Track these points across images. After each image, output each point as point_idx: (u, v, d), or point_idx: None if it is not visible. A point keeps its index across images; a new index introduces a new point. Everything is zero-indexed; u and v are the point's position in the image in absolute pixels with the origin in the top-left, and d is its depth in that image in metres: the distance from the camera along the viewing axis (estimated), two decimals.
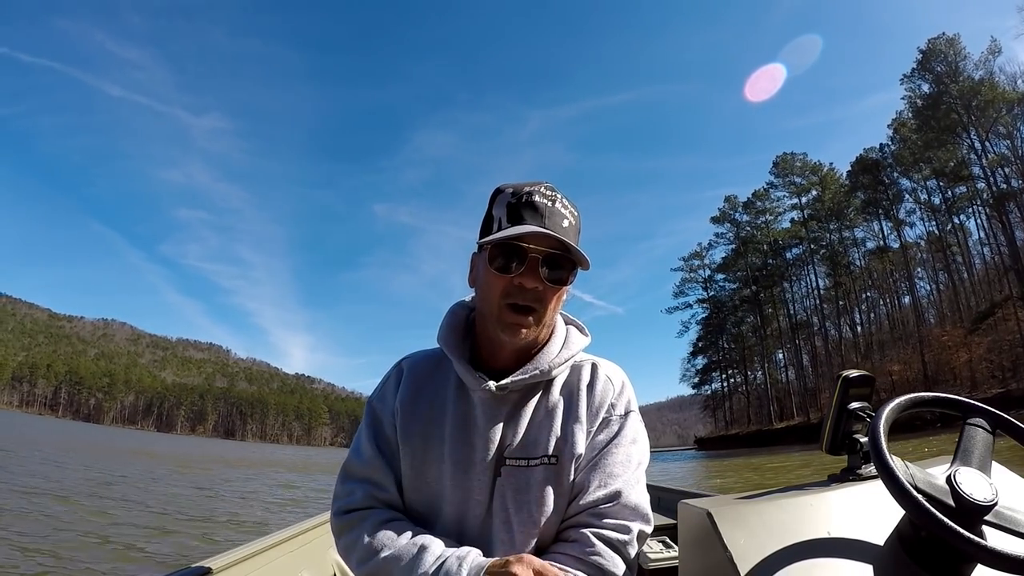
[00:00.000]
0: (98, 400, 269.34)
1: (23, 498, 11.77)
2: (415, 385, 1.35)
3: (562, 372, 1.32)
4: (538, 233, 1.19)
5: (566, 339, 1.35)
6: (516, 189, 1.23)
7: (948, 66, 59.38)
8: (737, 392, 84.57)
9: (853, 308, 72.84)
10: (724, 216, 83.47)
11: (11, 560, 6.93)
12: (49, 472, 18.10)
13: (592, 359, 1.39)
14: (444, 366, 1.36)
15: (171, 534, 9.48)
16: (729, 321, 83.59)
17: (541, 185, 1.24)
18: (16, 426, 66.79)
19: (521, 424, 1.27)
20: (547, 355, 1.29)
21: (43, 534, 8.49)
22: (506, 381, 1.26)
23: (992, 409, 1.07)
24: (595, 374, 1.34)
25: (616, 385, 1.34)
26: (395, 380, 1.37)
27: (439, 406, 1.31)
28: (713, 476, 26.17)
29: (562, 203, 1.23)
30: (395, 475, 1.29)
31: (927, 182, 62.64)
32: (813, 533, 1.01)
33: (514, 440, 1.25)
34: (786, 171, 75.94)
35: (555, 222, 1.20)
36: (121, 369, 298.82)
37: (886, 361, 62.72)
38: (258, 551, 2.23)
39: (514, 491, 1.23)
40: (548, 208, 1.20)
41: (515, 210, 1.20)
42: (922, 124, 61.03)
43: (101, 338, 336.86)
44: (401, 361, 1.43)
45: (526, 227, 1.16)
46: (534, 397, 1.30)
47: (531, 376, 1.27)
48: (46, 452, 28.19)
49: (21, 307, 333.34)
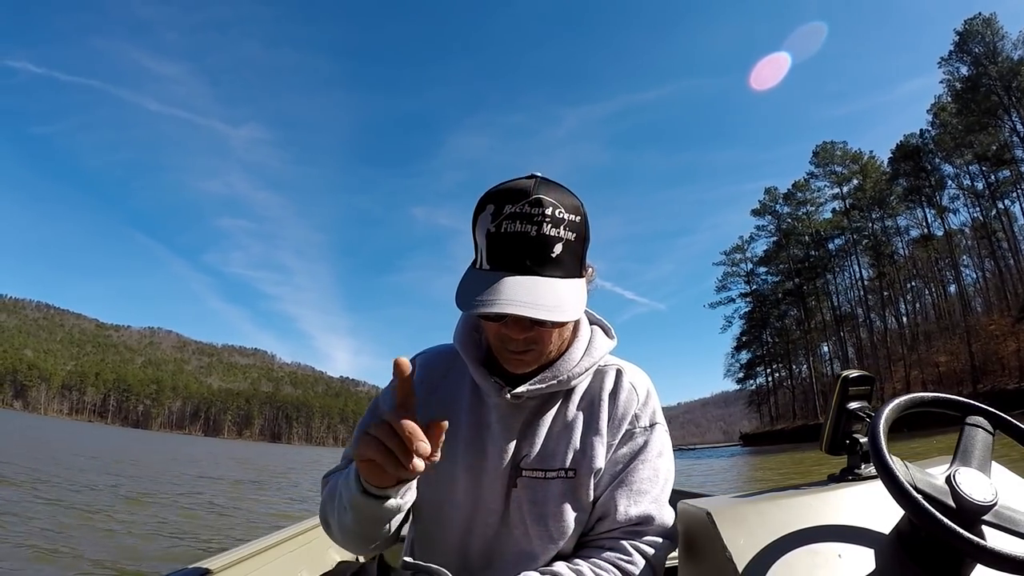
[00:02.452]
0: (146, 407, 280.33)
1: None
2: (429, 384, 1.32)
3: (583, 380, 1.27)
4: (505, 316, 1.10)
5: (589, 344, 1.29)
6: (496, 207, 1.07)
7: (986, 47, 59.13)
8: (782, 387, 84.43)
9: (898, 298, 72.60)
10: (765, 208, 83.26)
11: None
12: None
13: (617, 364, 1.34)
14: (459, 366, 1.33)
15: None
16: (772, 315, 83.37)
17: (526, 198, 1.06)
18: (79, 434, 69.42)
19: (538, 434, 1.23)
20: (567, 363, 1.23)
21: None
22: (521, 390, 1.20)
23: (992, 409, 1.08)
24: (619, 382, 1.30)
25: (640, 395, 1.30)
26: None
27: (453, 408, 1.28)
28: (756, 470, 26.96)
29: (551, 217, 1.06)
30: None
31: (969, 167, 62.22)
32: (813, 533, 1.02)
33: (531, 451, 1.22)
34: (826, 160, 75.84)
35: (540, 256, 1.06)
36: (168, 376, 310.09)
37: (932, 352, 62.79)
38: (258, 551, 2.24)
39: (530, 503, 1.20)
40: (530, 241, 1.05)
41: (494, 248, 1.06)
42: (962, 108, 60.71)
43: (148, 346, 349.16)
44: (414, 358, 1.37)
45: (496, 302, 1.01)
46: (553, 406, 1.26)
47: (548, 386, 1.22)
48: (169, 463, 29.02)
49: (69, 318, 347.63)
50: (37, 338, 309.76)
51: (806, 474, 21.58)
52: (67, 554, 6.75)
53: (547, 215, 1.06)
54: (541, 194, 1.07)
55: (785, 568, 0.97)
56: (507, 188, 1.09)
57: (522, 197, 1.06)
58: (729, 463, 37.88)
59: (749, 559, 0.99)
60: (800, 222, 79.64)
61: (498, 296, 1.02)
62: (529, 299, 1.03)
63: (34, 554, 6.61)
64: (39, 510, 9.54)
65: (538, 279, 1.05)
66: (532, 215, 1.05)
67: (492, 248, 1.07)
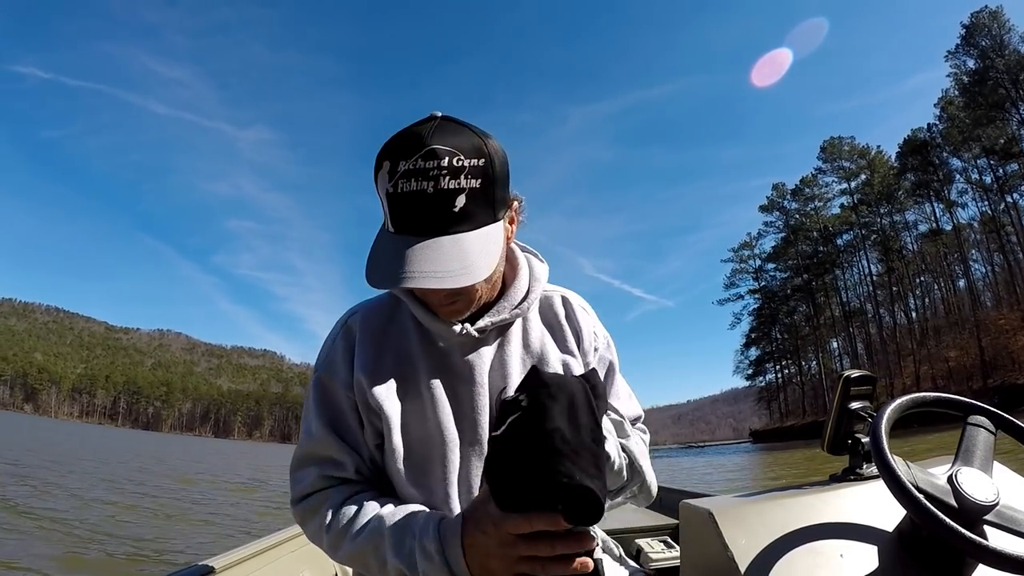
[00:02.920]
0: (156, 409, 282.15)
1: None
2: (373, 343, 1.22)
3: (535, 306, 1.28)
4: (407, 290, 1.16)
5: (531, 271, 1.28)
6: (391, 164, 1.00)
7: (993, 40, 59.42)
8: (791, 383, 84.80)
9: (907, 294, 72.81)
10: (772, 204, 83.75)
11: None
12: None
13: (558, 290, 1.36)
14: (399, 315, 1.26)
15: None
16: (781, 311, 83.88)
17: (419, 151, 0.98)
18: (100, 438, 70.93)
19: (510, 363, 1.21)
20: (518, 290, 1.23)
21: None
22: (484, 323, 1.18)
23: (993, 409, 1.08)
24: (569, 306, 1.33)
25: (591, 313, 1.36)
26: (345, 346, 1.23)
27: (407, 360, 1.20)
28: (769, 469, 27.24)
29: (448, 168, 0.98)
30: (355, 451, 1.19)
31: (977, 161, 62.39)
32: (814, 533, 1.03)
33: (507, 380, 1.18)
34: (834, 156, 76.21)
35: (441, 214, 0.99)
36: (178, 378, 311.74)
37: (942, 347, 62.94)
38: (260, 551, 2.23)
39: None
40: (428, 199, 0.98)
41: (395, 210, 1.01)
42: (969, 101, 60.93)
43: (157, 348, 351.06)
44: (348, 320, 1.27)
45: (400, 275, 0.97)
46: (515, 335, 1.24)
47: (511, 315, 1.21)
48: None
49: (79, 321, 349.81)
50: (47, 341, 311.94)
51: (822, 472, 21.69)
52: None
53: (443, 167, 0.99)
54: (436, 143, 0.99)
55: (787, 568, 0.97)
56: (399, 140, 1.02)
57: (415, 150, 0.99)
58: (743, 460, 38.05)
59: (751, 559, 0.99)
60: (808, 218, 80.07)
61: (401, 268, 0.98)
62: (432, 267, 0.98)
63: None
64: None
65: (442, 240, 1.00)
66: (427, 170, 0.98)
67: (393, 210, 1.01)
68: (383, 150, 1.03)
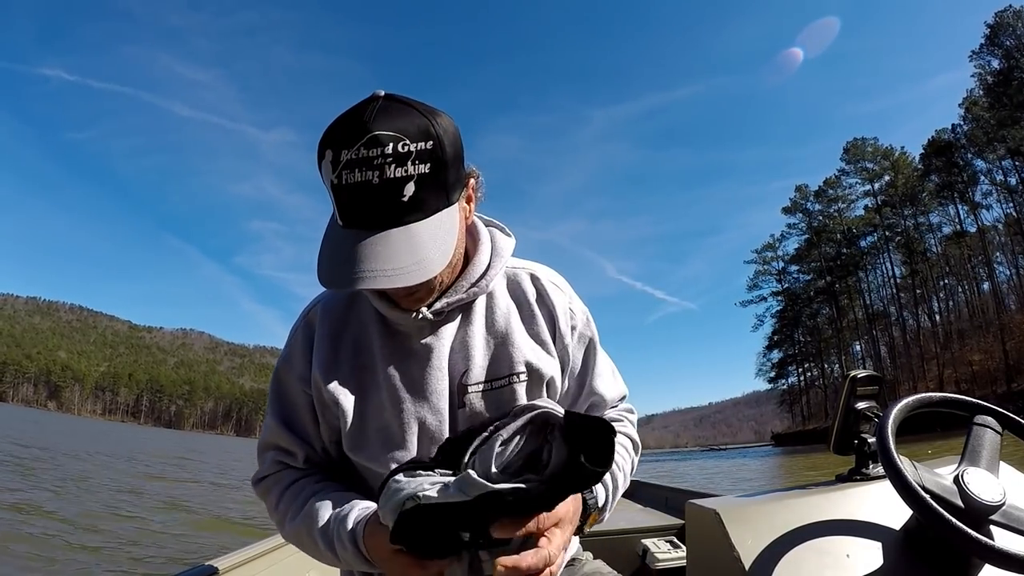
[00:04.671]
0: (179, 407, 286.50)
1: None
2: (332, 335, 1.19)
3: (499, 282, 1.22)
4: (358, 292, 1.17)
5: (493, 246, 1.21)
6: (334, 154, 0.93)
7: (1017, 40, 59.16)
8: (814, 386, 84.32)
9: (930, 296, 72.47)
10: (796, 206, 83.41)
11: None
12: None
13: (527, 266, 1.29)
14: (358, 303, 1.21)
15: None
16: (804, 313, 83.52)
17: (361, 138, 0.91)
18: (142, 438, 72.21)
19: (474, 346, 1.16)
20: (477, 267, 1.16)
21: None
22: (440, 304, 1.12)
23: (1000, 409, 1.08)
24: (539, 284, 1.26)
25: (565, 290, 1.29)
26: (304, 339, 1.21)
27: (365, 350, 1.17)
28: (791, 470, 27.27)
29: (393, 155, 0.92)
30: (306, 443, 1.20)
31: (1002, 162, 62.06)
32: (820, 532, 1.03)
33: (470, 364, 1.14)
34: (857, 157, 75.95)
35: (389, 206, 0.93)
36: (200, 377, 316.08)
37: (966, 350, 62.77)
38: (266, 551, 2.22)
39: (481, 418, 1.13)
40: (374, 190, 0.92)
41: (341, 202, 0.95)
42: (994, 101, 60.72)
43: (180, 347, 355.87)
44: (309, 311, 1.25)
45: (350, 277, 0.92)
46: (477, 315, 1.19)
47: (468, 294, 1.15)
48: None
49: (103, 320, 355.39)
50: (71, 340, 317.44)
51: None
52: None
53: (388, 154, 0.92)
54: (378, 128, 0.92)
55: (792, 567, 0.98)
56: (340, 127, 0.95)
57: (357, 138, 0.92)
58: (765, 464, 37.45)
59: (757, 558, 0.99)
60: (831, 219, 79.78)
61: (352, 268, 0.93)
62: (382, 266, 0.93)
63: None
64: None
65: (392, 234, 0.95)
66: (371, 159, 0.92)
67: (340, 203, 0.96)
68: (324, 138, 0.96)
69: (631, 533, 2.76)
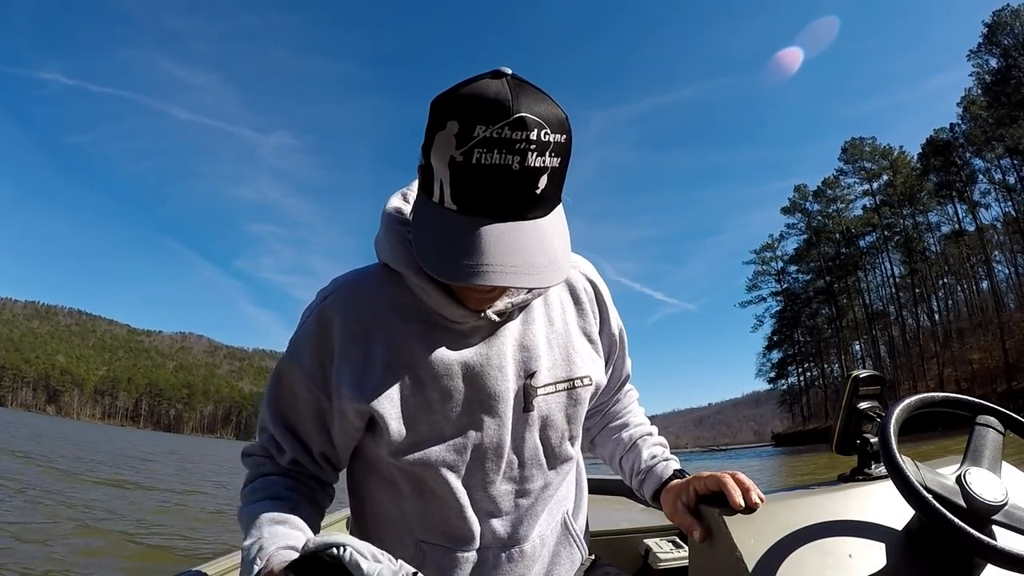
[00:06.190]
0: (178, 411, 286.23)
1: None
2: (360, 334, 1.06)
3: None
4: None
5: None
6: (463, 127, 0.82)
7: (1016, 39, 59.13)
8: (814, 386, 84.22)
9: (930, 295, 72.44)
10: (794, 206, 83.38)
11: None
12: None
13: (576, 263, 1.26)
14: (389, 296, 1.08)
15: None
16: (804, 313, 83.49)
17: (506, 117, 0.81)
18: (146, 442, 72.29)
19: (537, 346, 1.10)
20: None
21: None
22: (504, 304, 1.05)
23: (1002, 409, 1.08)
24: (585, 277, 1.24)
25: (598, 280, 1.26)
26: (318, 339, 1.08)
27: (405, 348, 1.05)
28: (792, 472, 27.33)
29: (537, 143, 0.83)
30: (302, 445, 1.11)
31: (1000, 161, 62.04)
32: (823, 532, 1.02)
33: (536, 366, 1.09)
34: (856, 156, 75.95)
35: (524, 196, 0.86)
36: (199, 380, 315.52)
37: (965, 349, 62.91)
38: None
39: (546, 423, 1.12)
40: (513, 177, 0.83)
41: (465, 184, 0.85)
42: (992, 101, 60.76)
43: (179, 351, 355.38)
44: (323, 303, 1.10)
45: (486, 271, 0.83)
46: (537, 311, 1.14)
47: (533, 294, 1.09)
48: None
49: (101, 324, 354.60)
50: (70, 344, 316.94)
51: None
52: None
53: (532, 140, 0.82)
54: (524, 111, 0.82)
55: (795, 567, 0.97)
56: (477, 98, 0.83)
57: (500, 115, 0.81)
58: (768, 463, 37.97)
59: (759, 558, 0.99)
60: (830, 219, 79.68)
61: (484, 260, 0.83)
62: (520, 261, 0.84)
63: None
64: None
65: (523, 227, 0.87)
66: (513, 142, 0.81)
67: (461, 184, 0.85)
68: (450, 107, 0.85)
69: (633, 533, 2.71)
